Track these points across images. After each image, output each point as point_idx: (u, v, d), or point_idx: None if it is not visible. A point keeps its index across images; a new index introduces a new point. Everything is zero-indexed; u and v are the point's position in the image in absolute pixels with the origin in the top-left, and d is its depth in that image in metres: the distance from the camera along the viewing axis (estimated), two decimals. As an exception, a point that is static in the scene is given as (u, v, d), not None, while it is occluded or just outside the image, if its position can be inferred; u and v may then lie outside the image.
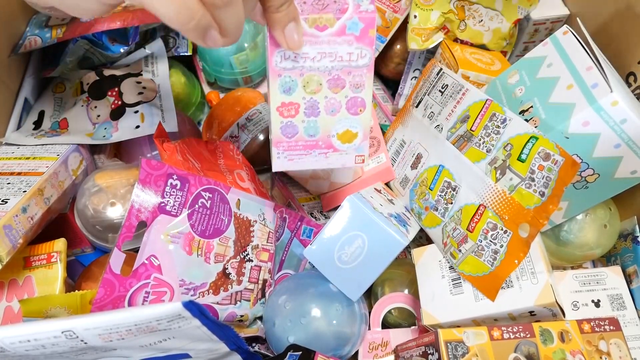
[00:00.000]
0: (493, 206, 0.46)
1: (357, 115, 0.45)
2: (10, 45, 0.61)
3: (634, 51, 0.52)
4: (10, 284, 0.49)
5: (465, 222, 0.47)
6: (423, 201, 0.53)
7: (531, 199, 0.43)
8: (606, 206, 0.55)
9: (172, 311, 0.34)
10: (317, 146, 0.46)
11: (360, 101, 0.45)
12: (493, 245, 0.45)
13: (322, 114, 0.45)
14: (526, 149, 0.44)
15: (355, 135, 0.47)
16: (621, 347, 0.45)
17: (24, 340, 0.33)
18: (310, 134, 0.46)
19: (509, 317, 0.46)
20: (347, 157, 0.48)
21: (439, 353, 0.43)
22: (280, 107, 0.44)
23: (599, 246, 0.55)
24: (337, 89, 0.44)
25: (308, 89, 0.43)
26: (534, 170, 0.43)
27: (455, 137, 0.51)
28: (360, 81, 0.44)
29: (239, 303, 0.50)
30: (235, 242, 0.51)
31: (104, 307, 0.43)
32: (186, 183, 0.48)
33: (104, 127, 0.59)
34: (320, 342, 0.48)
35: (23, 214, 0.47)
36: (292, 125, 0.45)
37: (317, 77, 0.43)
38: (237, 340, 0.41)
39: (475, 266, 0.46)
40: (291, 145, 0.46)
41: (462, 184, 0.49)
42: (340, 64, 0.42)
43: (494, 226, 0.45)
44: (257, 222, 0.54)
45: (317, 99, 0.44)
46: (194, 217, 0.48)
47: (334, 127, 0.46)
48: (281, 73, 0.42)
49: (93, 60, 0.65)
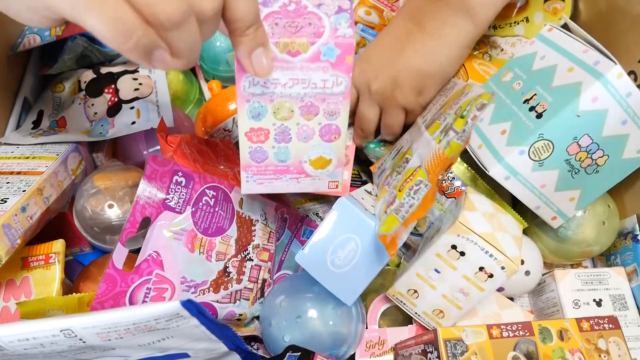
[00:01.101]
0: (427, 165, 0.44)
1: (331, 142, 0.42)
2: (10, 44, 0.61)
3: (634, 50, 0.52)
4: (8, 284, 0.49)
5: (400, 184, 0.46)
6: (386, 184, 0.52)
7: (457, 147, 0.42)
8: (605, 203, 0.55)
9: (170, 310, 0.34)
10: (289, 171, 0.44)
11: (335, 128, 0.41)
12: (412, 200, 0.44)
13: (294, 140, 0.41)
14: (469, 106, 0.43)
15: (329, 161, 0.44)
16: (620, 345, 0.45)
17: (22, 339, 0.33)
18: (280, 160, 0.43)
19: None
20: (320, 182, 0.45)
21: (438, 351, 0.43)
22: (249, 132, 0.41)
23: (597, 243, 0.55)
24: (310, 116, 0.40)
25: (279, 115, 0.40)
26: (468, 122, 0.42)
27: (430, 122, 0.50)
28: (335, 109, 0.40)
29: (238, 302, 0.50)
30: (236, 241, 0.51)
31: (104, 303, 0.43)
32: (191, 180, 0.48)
33: (101, 124, 0.59)
34: (316, 342, 0.48)
35: (22, 213, 0.47)
36: (262, 151, 0.42)
37: (288, 103, 0.39)
38: (236, 339, 0.41)
39: (392, 224, 0.44)
40: (260, 170, 0.43)
41: (414, 155, 0.48)
42: (313, 91, 0.39)
43: (419, 182, 0.44)
44: (259, 222, 0.54)
45: (288, 126, 0.40)
46: (198, 215, 0.48)
47: (306, 154, 0.43)
48: (250, 99, 0.38)
49: (91, 58, 0.65)
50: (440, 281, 0.49)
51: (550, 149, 0.46)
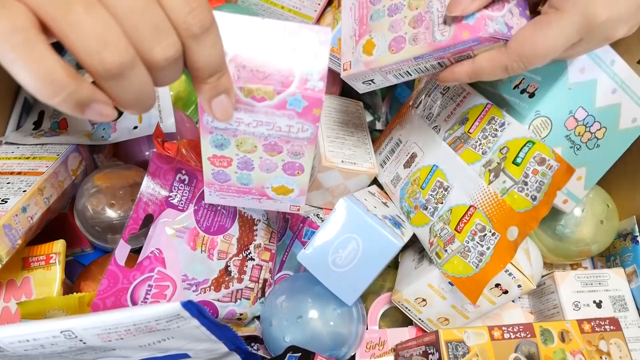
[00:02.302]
0: (483, 208, 0.45)
1: (294, 176, 0.42)
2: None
3: (634, 51, 0.52)
4: (9, 284, 0.49)
5: (454, 222, 0.47)
6: (413, 200, 0.53)
7: (522, 203, 0.43)
8: (604, 202, 0.55)
9: (170, 311, 0.34)
10: (251, 193, 0.43)
11: (299, 166, 0.40)
12: (480, 247, 0.45)
13: (257, 169, 0.41)
14: (522, 152, 0.44)
15: (291, 190, 0.43)
16: (621, 347, 0.45)
17: (22, 340, 0.33)
18: (243, 183, 0.42)
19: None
20: (282, 205, 0.45)
21: (439, 353, 0.43)
22: (212, 158, 0.40)
23: (595, 242, 0.55)
24: (274, 153, 0.39)
25: (242, 148, 0.39)
26: (527, 174, 0.43)
27: (452, 139, 0.50)
28: (300, 150, 0.39)
29: (239, 301, 0.50)
30: (238, 240, 0.51)
31: (106, 300, 0.43)
32: (194, 179, 0.48)
33: (103, 128, 0.59)
34: (317, 342, 0.48)
35: (23, 213, 0.47)
36: (224, 173, 0.41)
37: (251, 140, 0.38)
38: (236, 340, 0.41)
39: (460, 267, 0.46)
40: (223, 188, 0.43)
41: (454, 185, 0.49)
42: (278, 133, 0.37)
43: (482, 228, 0.45)
44: (261, 222, 0.54)
45: (251, 158, 0.40)
46: (200, 213, 0.48)
47: (269, 181, 0.42)
48: (212, 131, 0.37)
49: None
50: (452, 293, 0.49)
51: (549, 126, 0.46)
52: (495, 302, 0.48)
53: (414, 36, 0.41)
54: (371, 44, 0.44)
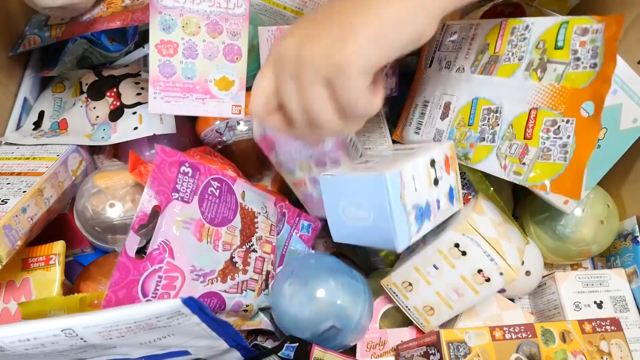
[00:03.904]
0: (545, 103, 0.43)
1: (233, 62, 0.47)
2: (10, 45, 0.61)
3: (634, 51, 0.52)
4: (8, 285, 0.49)
5: (520, 132, 0.45)
6: (465, 140, 0.51)
7: (584, 77, 0.41)
8: (604, 202, 0.55)
9: (171, 308, 0.34)
10: (195, 90, 0.48)
11: (237, 49, 0.47)
12: (559, 140, 0.42)
13: (200, 57, 0.47)
14: (560, 35, 0.43)
15: (232, 83, 0.48)
16: (622, 347, 0.45)
17: (23, 339, 0.33)
18: (187, 76, 0.47)
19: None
20: (224, 105, 0.49)
21: (440, 353, 0.43)
22: (159, 45, 0.46)
23: (595, 242, 0.55)
24: (215, 34, 0.46)
25: (187, 30, 0.46)
26: (576, 50, 0.42)
27: (481, 67, 0.49)
28: (237, 29, 0.46)
29: (244, 292, 0.51)
30: (241, 232, 0.51)
31: (118, 292, 0.43)
32: (197, 171, 0.49)
33: (103, 129, 0.59)
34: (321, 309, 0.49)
35: (23, 214, 0.47)
36: (170, 65, 0.47)
37: (195, 19, 0.45)
38: (237, 336, 0.41)
39: (547, 170, 0.43)
40: (168, 86, 0.47)
41: (503, 102, 0.47)
42: (218, 9, 0.45)
43: (553, 122, 0.43)
44: (261, 214, 0.54)
45: (195, 42, 0.46)
46: (204, 205, 0.49)
47: (211, 72, 0.47)
48: (162, 10, 0.44)
49: (92, 60, 0.65)
50: (436, 278, 0.49)
51: None
52: (478, 291, 0.48)
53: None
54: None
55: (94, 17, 0.59)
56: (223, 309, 0.48)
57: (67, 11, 0.58)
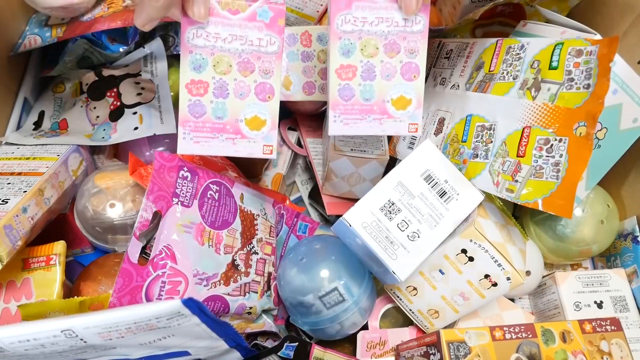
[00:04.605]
0: (538, 122, 0.44)
1: (265, 101, 0.46)
2: (10, 45, 0.61)
3: (634, 51, 0.52)
4: (8, 285, 0.49)
5: (513, 150, 0.45)
6: (459, 157, 0.51)
7: (577, 97, 0.42)
8: (604, 202, 0.55)
9: (171, 309, 0.34)
10: (225, 130, 0.46)
11: (269, 87, 0.45)
12: (551, 158, 0.43)
13: (231, 96, 0.45)
14: (555, 55, 0.43)
15: (264, 122, 0.46)
16: (622, 347, 0.45)
17: (23, 340, 0.33)
18: (218, 116, 0.45)
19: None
20: (256, 145, 0.47)
21: (441, 353, 0.43)
22: (190, 84, 0.44)
23: (596, 242, 0.55)
24: (247, 72, 0.44)
25: (218, 69, 0.44)
26: (570, 70, 0.42)
27: (476, 85, 0.50)
28: (269, 67, 0.44)
29: (247, 295, 0.51)
30: (241, 235, 0.51)
31: (122, 298, 0.43)
32: (196, 175, 0.49)
33: (103, 129, 0.59)
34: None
35: (23, 214, 0.47)
36: (200, 105, 0.45)
37: (227, 58, 0.44)
38: (237, 337, 0.41)
39: (539, 188, 0.43)
40: (198, 126, 0.45)
41: (497, 120, 0.47)
42: (250, 47, 0.43)
43: (545, 140, 0.43)
44: (260, 216, 0.55)
45: (226, 80, 0.44)
46: (204, 208, 0.49)
47: (242, 112, 0.46)
48: (192, 50, 0.43)
49: (92, 60, 0.65)
50: (442, 282, 0.49)
51: None
52: (484, 295, 0.48)
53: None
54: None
55: (94, 17, 0.59)
56: (227, 312, 0.48)
57: (68, 11, 0.58)
